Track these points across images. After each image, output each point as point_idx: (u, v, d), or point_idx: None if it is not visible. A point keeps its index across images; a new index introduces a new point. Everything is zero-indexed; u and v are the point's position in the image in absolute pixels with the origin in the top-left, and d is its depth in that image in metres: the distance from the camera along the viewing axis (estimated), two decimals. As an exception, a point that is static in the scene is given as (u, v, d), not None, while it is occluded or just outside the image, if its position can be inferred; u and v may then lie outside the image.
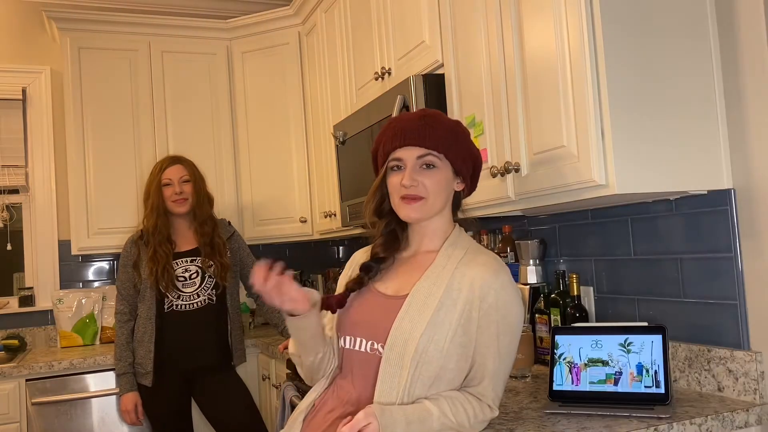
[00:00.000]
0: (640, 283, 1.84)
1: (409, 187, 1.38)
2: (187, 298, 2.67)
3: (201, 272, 2.70)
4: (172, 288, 2.65)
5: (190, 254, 2.72)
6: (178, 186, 2.69)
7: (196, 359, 2.66)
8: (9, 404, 2.82)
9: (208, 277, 2.70)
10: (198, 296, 2.68)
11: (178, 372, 2.66)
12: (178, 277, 2.68)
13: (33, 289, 3.50)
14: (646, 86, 1.48)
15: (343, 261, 4.07)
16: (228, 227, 2.87)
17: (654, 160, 1.47)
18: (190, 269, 2.70)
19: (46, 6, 3.56)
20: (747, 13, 1.52)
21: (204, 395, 2.71)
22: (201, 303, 2.68)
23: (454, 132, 1.42)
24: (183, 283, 2.68)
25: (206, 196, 2.79)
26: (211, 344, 2.69)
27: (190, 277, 2.69)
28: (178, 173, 2.72)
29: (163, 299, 2.67)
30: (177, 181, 2.70)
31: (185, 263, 2.70)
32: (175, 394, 2.67)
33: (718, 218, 1.60)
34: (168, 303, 2.66)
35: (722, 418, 1.43)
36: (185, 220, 2.76)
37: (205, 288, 2.69)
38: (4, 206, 3.48)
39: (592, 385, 1.57)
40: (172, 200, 2.69)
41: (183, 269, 2.69)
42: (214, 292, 2.71)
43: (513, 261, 2.28)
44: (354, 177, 2.61)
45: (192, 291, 2.68)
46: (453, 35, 2.01)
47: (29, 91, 3.56)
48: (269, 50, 3.54)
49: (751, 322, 1.54)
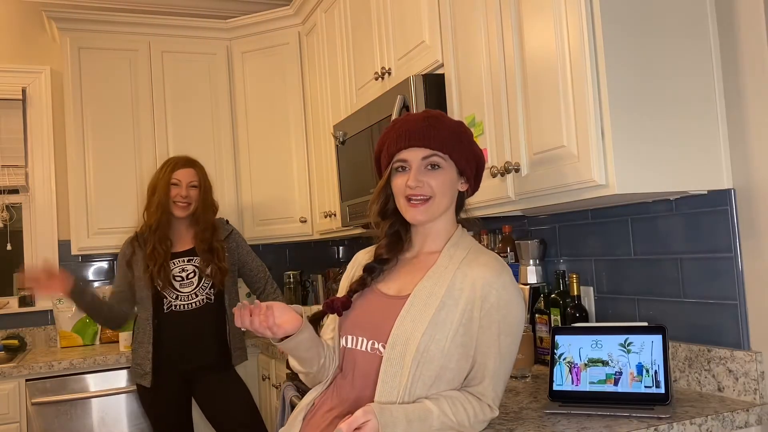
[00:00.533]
0: (640, 283, 1.84)
1: (414, 188, 1.39)
2: (185, 297, 2.65)
3: (198, 272, 2.68)
4: (169, 287, 2.63)
5: (188, 254, 2.70)
6: (185, 189, 2.67)
7: (195, 359, 2.65)
8: (9, 404, 2.82)
9: (206, 276, 2.68)
10: (196, 296, 2.66)
11: (178, 372, 2.64)
12: (176, 276, 2.66)
13: (33, 289, 3.50)
14: (646, 86, 1.48)
15: (343, 261, 4.07)
16: (226, 226, 2.86)
17: (654, 160, 1.47)
18: (187, 269, 2.68)
19: (46, 6, 3.55)
20: (747, 13, 1.52)
21: (204, 395, 2.69)
22: (199, 302, 2.66)
23: (457, 132, 1.43)
24: (180, 282, 2.66)
25: (211, 205, 2.76)
26: (210, 344, 2.67)
27: (188, 277, 2.67)
28: (188, 177, 2.69)
29: (162, 300, 2.64)
30: (185, 185, 2.67)
31: (182, 263, 2.68)
32: (174, 395, 2.66)
33: (718, 218, 1.60)
34: (167, 304, 2.64)
35: (722, 418, 1.43)
36: (185, 222, 2.74)
37: (203, 287, 2.67)
38: (4, 206, 3.48)
39: (592, 385, 1.57)
40: (175, 201, 2.67)
41: (180, 269, 2.68)
42: (212, 291, 2.69)
43: (513, 261, 2.28)
44: (354, 177, 2.61)
45: (190, 291, 2.66)
46: (453, 35, 2.01)
47: (29, 91, 3.56)
48: (269, 50, 3.54)
49: (751, 322, 1.54)
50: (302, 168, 3.46)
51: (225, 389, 2.69)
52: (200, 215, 2.71)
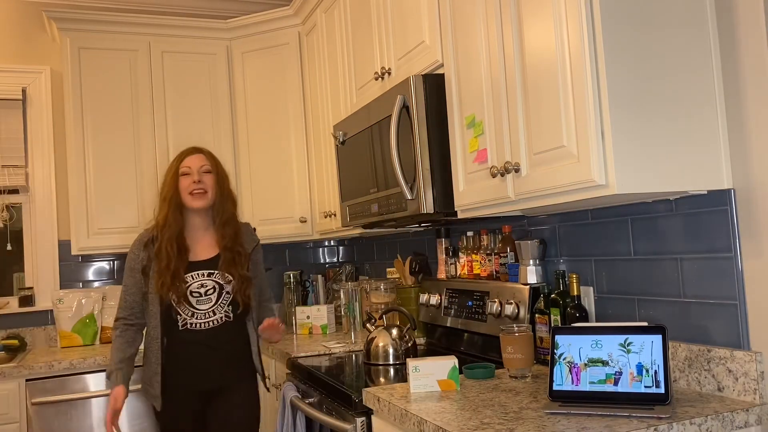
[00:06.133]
0: (640, 283, 1.84)
1: None
2: (202, 315, 2.34)
3: (219, 288, 2.36)
4: (185, 303, 2.32)
5: (207, 266, 2.38)
6: (198, 175, 2.37)
7: (208, 383, 2.37)
8: (9, 404, 2.82)
9: (226, 293, 2.37)
10: (214, 313, 2.35)
11: (191, 394, 2.36)
12: (193, 292, 2.34)
13: (33, 289, 3.50)
14: (646, 86, 1.48)
15: (343, 261, 4.07)
16: (253, 236, 2.56)
17: (654, 160, 1.47)
18: (207, 284, 2.36)
19: (46, 6, 3.56)
20: (747, 13, 1.52)
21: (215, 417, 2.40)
22: (217, 321, 2.36)
23: None
24: (198, 299, 2.34)
25: (229, 194, 2.47)
26: (226, 367, 2.38)
27: (206, 293, 2.35)
28: (199, 162, 2.40)
29: (174, 316, 2.34)
30: (196, 170, 2.38)
31: (201, 277, 2.36)
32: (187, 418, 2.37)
33: (718, 218, 1.60)
34: (181, 321, 2.34)
35: (722, 418, 1.43)
36: (203, 220, 2.43)
37: (221, 304, 2.36)
38: (4, 206, 3.48)
39: (592, 385, 1.57)
40: (189, 191, 2.36)
41: (199, 284, 2.35)
42: (231, 309, 2.38)
43: (513, 261, 2.28)
44: (354, 177, 2.61)
45: (207, 308, 2.35)
46: (453, 35, 2.01)
47: (29, 91, 3.56)
48: (269, 50, 3.54)
49: (751, 322, 1.54)
50: (302, 168, 3.47)
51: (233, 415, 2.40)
52: (219, 205, 2.41)
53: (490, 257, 2.40)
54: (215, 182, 2.41)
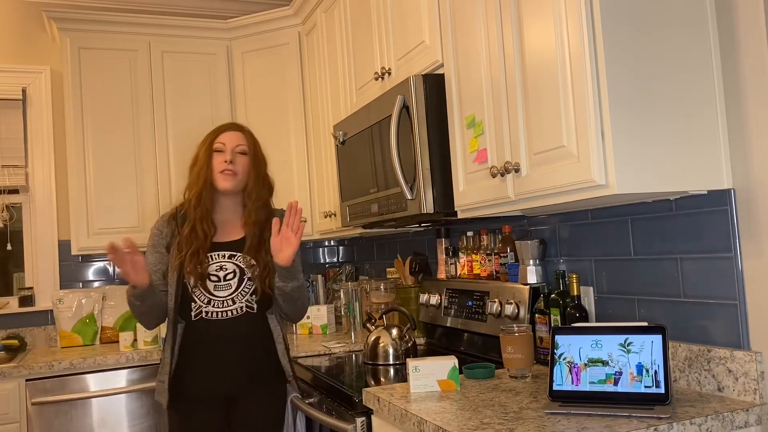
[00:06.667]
0: (640, 283, 1.84)
1: None
2: (220, 304, 2.11)
3: (240, 273, 2.13)
4: (201, 288, 2.10)
5: (230, 247, 2.16)
6: (230, 154, 2.15)
7: (227, 383, 2.12)
8: (9, 404, 2.82)
9: (248, 280, 2.14)
10: (233, 302, 2.12)
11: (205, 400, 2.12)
12: (211, 275, 2.12)
13: (33, 289, 3.50)
14: (646, 86, 1.48)
15: (343, 261, 4.07)
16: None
17: (654, 160, 1.47)
18: (227, 267, 2.13)
19: (46, 6, 3.56)
20: (747, 14, 1.52)
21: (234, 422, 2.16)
22: (237, 311, 2.12)
23: None
24: (216, 284, 2.12)
25: (265, 180, 2.24)
26: (248, 366, 2.14)
27: (225, 278, 2.12)
28: (236, 140, 2.19)
29: (188, 302, 2.11)
30: (231, 149, 2.16)
31: (221, 259, 2.13)
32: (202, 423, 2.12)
33: (718, 218, 1.60)
34: (195, 309, 2.11)
35: (722, 418, 1.43)
36: (233, 203, 2.21)
37: (242, 293, 2.13)
38: (4, 206, 3.48)
39: (592, 385, 1.57)
40: (219, 170, 2.15)
41: (218, 266, 2.13)
42: (253, 299, 2.14)
43: (513, 261, 2.28)
44: (354, 177, 2.61)
45: (225, 296, 2.11)
46: (453, 35, 2.01)
47: (29, 91, 3.56)
48: (269, 50, 3.54)
49: (751, 322, 1.54)
50: (302, 168, 3.46)
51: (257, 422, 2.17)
52: (251, 191, 2.19)
53: (490, 257, 2.40)
54: (250, 165, 2.20)
